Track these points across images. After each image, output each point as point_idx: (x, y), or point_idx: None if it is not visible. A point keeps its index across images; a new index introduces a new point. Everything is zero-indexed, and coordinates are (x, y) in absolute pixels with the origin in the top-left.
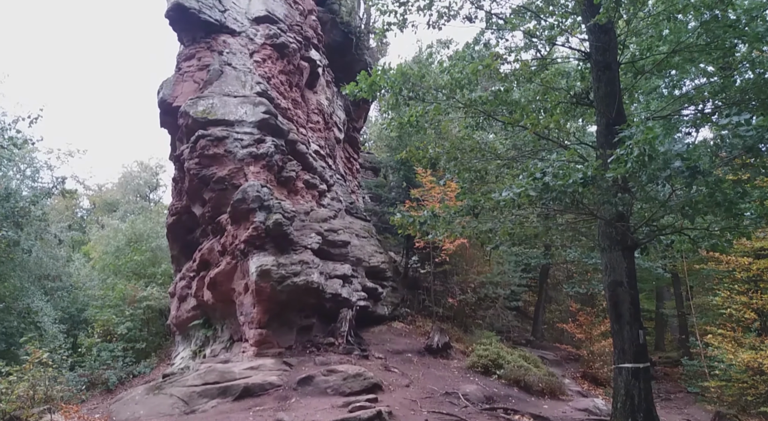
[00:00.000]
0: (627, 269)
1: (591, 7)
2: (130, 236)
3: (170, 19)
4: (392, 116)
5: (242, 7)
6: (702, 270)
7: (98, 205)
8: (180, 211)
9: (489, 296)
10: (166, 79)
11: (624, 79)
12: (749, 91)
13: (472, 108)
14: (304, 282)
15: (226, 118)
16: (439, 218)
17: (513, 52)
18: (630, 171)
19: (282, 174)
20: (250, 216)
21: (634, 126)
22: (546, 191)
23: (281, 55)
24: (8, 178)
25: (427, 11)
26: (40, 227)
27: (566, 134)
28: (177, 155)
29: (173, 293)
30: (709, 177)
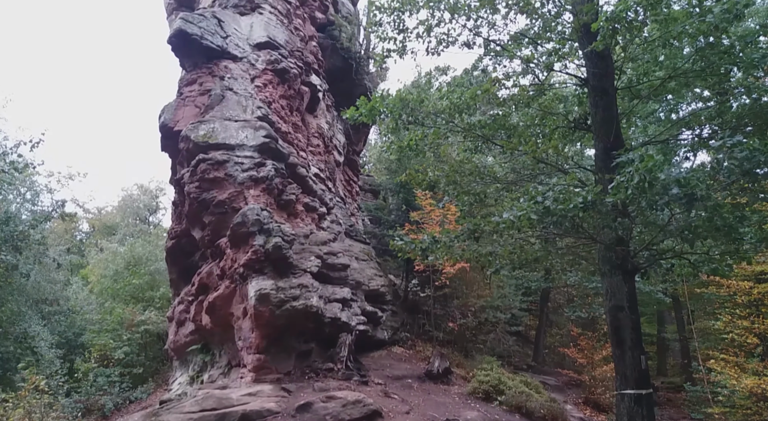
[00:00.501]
0: (628, 293)
1: (588, 34)
2: (129, 259)
3: (172, 45)
4: (392, 140)
5: (244, 33)
6: (703, 294)
7: (97, 228)
8: (179, 234)
9: (489, 320)
10: (168, 103)
11: (621, 104)
12: (745, 117)
13: (470, 132)
14: (303, 306)
15: (226, 142)
16: (439, 241)
17: (511, 78)
18: (630, 197)
19: (282, 197)
20: (249, 239)
21: (633, 152)
22: (547, 215)
23: (282, 81)
24: (8, 201)
25: (426, 38)
26: (38, 251)
27: (565, 158)
28: (177, 179)
29: (171, 317)
30: (707, 202)
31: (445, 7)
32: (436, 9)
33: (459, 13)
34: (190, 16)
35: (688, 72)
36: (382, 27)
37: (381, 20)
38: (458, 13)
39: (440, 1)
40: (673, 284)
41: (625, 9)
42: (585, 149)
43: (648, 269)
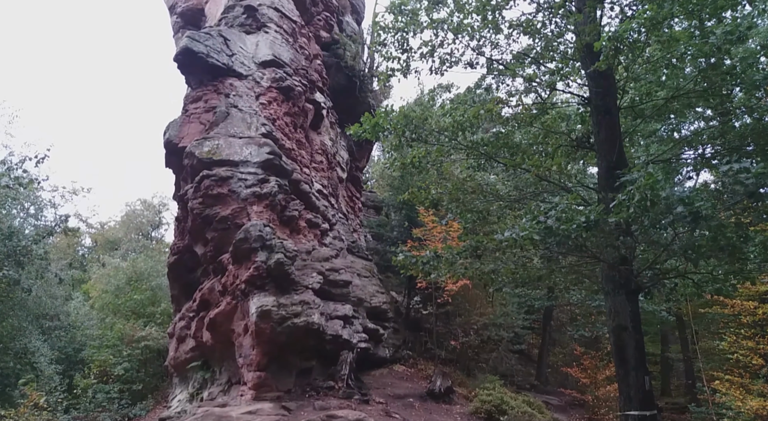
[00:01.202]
0: (631, 313)
1: (590, 53)
2: (131, 274)
3: (179, 63)
4: (395, 157)
5: (249, 51)
6: (707, 314)
7: (100, 243)
8: (182, 250)
9: (492, 338)
10: (173, 120)
11: (624, 123)
12: (748, 137)
13: (473, 150)
14: (304, 323)
15: (231, 159)
16: (442, 258)
17: (514, 96)
18: (632, 216)
19: (285, 213)
20: (251, 256)
21: (636, 170)
22: (549, 235)
23: (287, 98)
24: (12, 216)
25: (430, 58)
26: (41, 266)
27: (567, 177)
28: (181, 195)
29: (172, 333)
30: (711, 222)
31: (448, 27)
32: (439, 29)
33: (462, 33)
34: (197, 34)
35: (691, 92)
36: (386, 47)
37: (385, 40)
38: (461, 33)
39: (443, 22)
40: (677, 304)
41: (628, 29)
42: (588, 167)
43: (651, 288)
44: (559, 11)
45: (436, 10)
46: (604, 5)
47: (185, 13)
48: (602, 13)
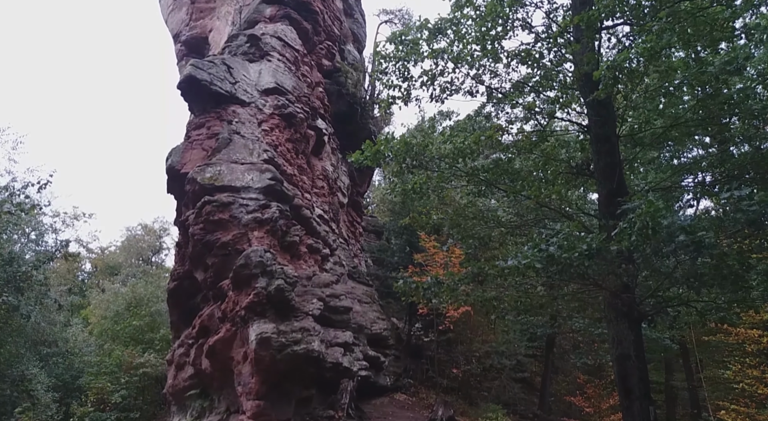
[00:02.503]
0: (634, 341)
1: (589, 82)
2: (130, 299)
3: (182, 90)
4: (396, 183)
5: (252, 79)
6: (711, 341)
7: (100, 268)
8: (182, 276)
9: (494, 366)
10: (175, 146)
11: (623, 151)
12: (747, 165)
13: (474, 177)
14: (304, 351)
15: (232, 185)
16: (443, 285)
17: (514, 123)
18: (634, 244)
19: (285, 239)
20: (251, 282)
21: (636, 198)
22: (551, 263)
23: (289, 125)
24: (12, 241)
25: (430, 86)
26: (40, 292)
27: (568, 204)
28: (182, 221)
29: (171, 360)
30: (714, 250)
31: (448, 57)
32: (439, 58)
33: (462, 62)
34: (200, 62)
35: (689, 121)
36: (387, 75)
37: (386, 69)
38: (461, 62)
39: (444, 52)
40: (681, 331)
41: (626, 58)
42: (588, 194)
43: (654, 316)
44: (558, 41)
45: (436, 41)
46: (601, 35)
47: (189, 42)
48: (600, 43)
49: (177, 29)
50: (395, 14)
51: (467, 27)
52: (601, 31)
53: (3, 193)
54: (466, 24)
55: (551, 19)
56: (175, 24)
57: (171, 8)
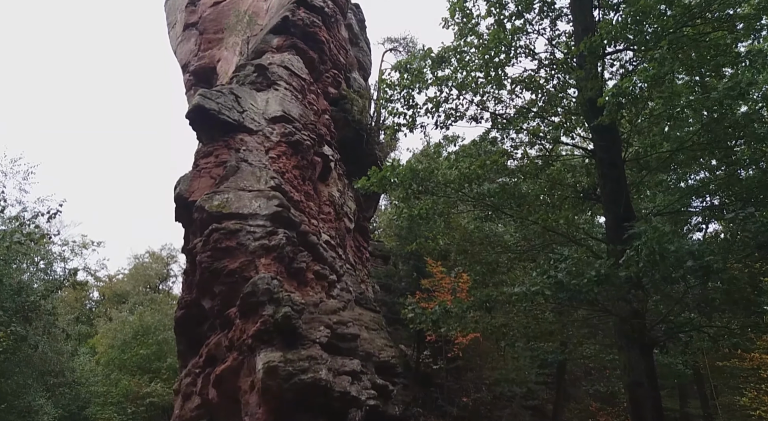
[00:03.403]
0: (646, 368)
1: (593, 108)
2: (137, 328)
3: (190, 120)
4: (402, 208)
5: (260, 107)
6: (726, 367)
7: (108, 296)
8: (189, 304)
9: (505, 394)
10: (183, 175)
11: (630, 175)
12: (754, 187)
13: (480, 201)
14: (311, 380)
15: (240, 212)
16: (451, 312)
17: (519, 148)
18: (642, 270)
19: (292, 265)
20: (258, 309)
21: (643, 224)
22: (560, 289)
23: (295, 152)
24: (21, 270)
25: (435, 113)
26: (48, 321)
27: (575, 228)
28: (190, 248)
29: (177, 390)
30: (723, 275)
31: (452, 84)
32: (444, 86)
33: (466, 89)
34: (208, 92)
35: (695, 145)
36: (392, 103)
37: (391, 97)
38: (465, 89)
39: (448, 79)
40: (694, 356)
41: (630, 84)
42: (597, 217)
43: (666, 342)
44: (561, 67)
45: (440, 69)
46: (605, 61)
47: (197, 72)
48: (603, 68)
49: (186, 60)
50: (399, 42)
51: (471, 55)
52: (604, 57)
53: (13, 224)
54: (469, 52)
55: (554, 46)
56: (183, 55)
57: (180, 40)
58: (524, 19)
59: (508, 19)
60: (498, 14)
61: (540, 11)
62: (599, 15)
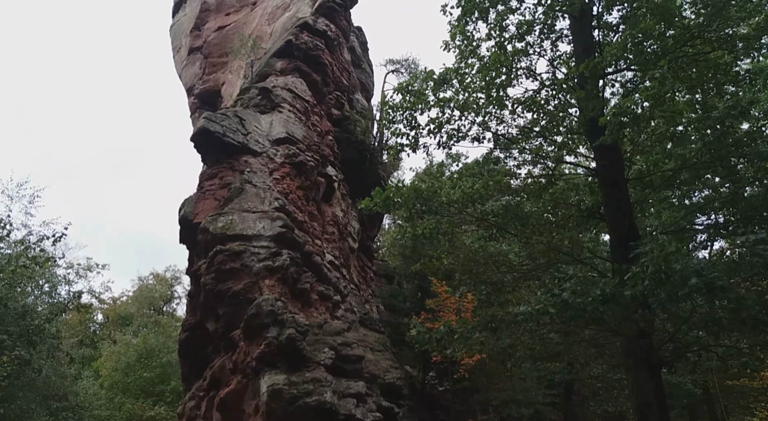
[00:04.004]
0: (655, 388)
1: (595, 127)
2: (141, 350)
3: (195, 142)
4: (406, 228)
5: (264, 130)
6: (736, 386)
7: (112, 318)
8: (193, 326)
9: (512, 415)
10: (188, 197)
11: (634, 193)
12: (758, 204)
13: (484, 221)
14: (316, 402)
15: (244, 233)
16: (456, 333)
17: (522, 167)
18: (648, 289)
19: (297, 286)
20: (262, 331)
21: (648, 243)
22: (565, 309)
23: (299, 172)
24: (26, 294)
25: (437, 134)
26: (52, 345)
27: (580, 248)
28: (194, 271)
29: (181, 414)
30: (730, 293)
31: (454, 105)
32: (446, 107)
33: (468, 110)
34: (213, 115)
35: (697, 164)
36: (395, 124)
37: (394, 118)
38: (467, 110)
39: (450, 100)
40: (703, 376)
41: (631, 103)
42: (601, 235)
43: (674, 362)
44: (562, 88)
45: (442, 90)
46: (605, 81)
47: (202, 95)
48: (604, 87)
49: (190, 83)
50: (401, 64)
51: (472, 76)
52: (605, 77)
53: (19, 247)
54: (470, 73)
55: (555, 67)
56: (188, 78)
57: (185, 64)
58: (525, 41)
59: (509, 41)
60: (498, 36)
61: (540, 33)
62: (599, 36)
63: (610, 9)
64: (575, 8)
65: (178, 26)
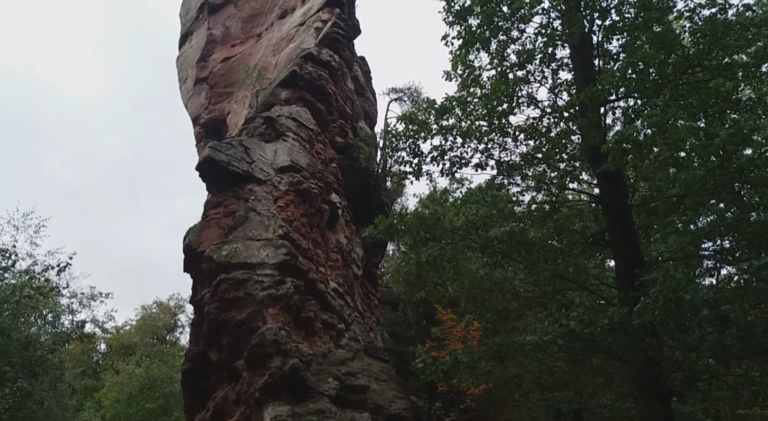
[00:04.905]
0: (665, 418)
1: (597, 154)
2: (144, 381)
3: (200, 171)
4: (410, 255)
5: (268, 158)
6: (749, 415)
7: (115, 348)
8: (196, 356)
9: None
10: (193, 226)
11: (638, 219)
12: (765, 233)
13: (488, 248)
14: None
15: (248, 261)
16: (462, 363)
17: (526, 193)
18: (657, 319)
19: (300, 315)
20: (266, 361)
21: (655, 270)
22: (573, 339)
23: (303, 200)
24: (29, 324)
25: (440, 161)
26: (54, 376)
27: (586, 275)
28: (198, 300)
29: None
30: (740, 323)
31: (456, 133)
32: (448, 134)
33: (470, 137)
34: (218, 144)
35: (702, 190)
36: (398, 152)
37: (397, 146)
38: (469, 137)
39: (452, 128)
40: (714, 405)
41: (633, 131)
42: (607, 261)
43: (684, 391)
44: (564, 115)
45: (444, 119)
46: (606, 108)
47: (208, 124)
48: (605, 114)
49: (196, 113)
50: (404, 92)
51: (474, 104)
52: (606, 104)
53: (23, 277)
54: (472, 102)
55: (556, 94)
56: (194, 108)
57: (191, 94)
58: (526, 69)
59: (510, 69)
60: (499, 65)
61: (541, 62)
62: (599, 64)
63: (610, 38)
64: (575, 38)
65: (184, 58)
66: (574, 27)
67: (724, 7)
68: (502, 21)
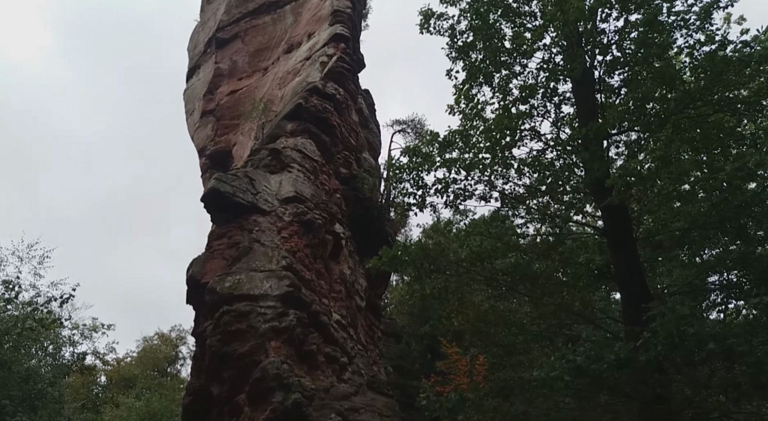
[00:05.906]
0: None
1: (601, 188)
2: (144, 415)
3: (205, 203)
4: (414, 287)
5: (273, 189)
6: None
7: (115, 380)
8: (198, 390)
9: None
10: (196, 257)
11: (643, 253)
12: None
13: (492, 280)
14: None
15: (251, 293)
16: (468, 400)
17: (530, 224)
18: (662, 353)
19: (303, 348)
20: (268, 396)
21: (661, 305)
22: (580, 375)
23: (307, 231)
24: (30, 356)
25: (444, 193)
26: (54, 409)
27: (591, 309)
28: (200, 332)
29: None
30: (749, 358)
31: (460, 165)
32: (452, 167)
33: (474, 170)
34: (223, 176)
35: (706, 224)
36: (402, 184)
37: (401, 178)
38: (473, 170)
39: (456, 161)
40: None
41: (637, 165)
42: (613, 294)
43: None
44: (567, 149)
45: (447, 151)
46: (609, 142)
47: (213, 155)
48: (608, 147)
49: (202, 144)
50: (408, 124)
51: (477, 137)
52: (609, 138)
53: (26, 309)
54: (475, 135)
55: (558, 128)
56: (200, 140)
57: (197, 126)
58: (529, 103)
59: (513, 103)
60: (502, 99)
61: (543, 96)
62: (601, 98)
63: (612, 73)
64: (577, 73)
65: (191, 90)
66: (576, 62)
67: (723, 44)
68: (505, 56)
